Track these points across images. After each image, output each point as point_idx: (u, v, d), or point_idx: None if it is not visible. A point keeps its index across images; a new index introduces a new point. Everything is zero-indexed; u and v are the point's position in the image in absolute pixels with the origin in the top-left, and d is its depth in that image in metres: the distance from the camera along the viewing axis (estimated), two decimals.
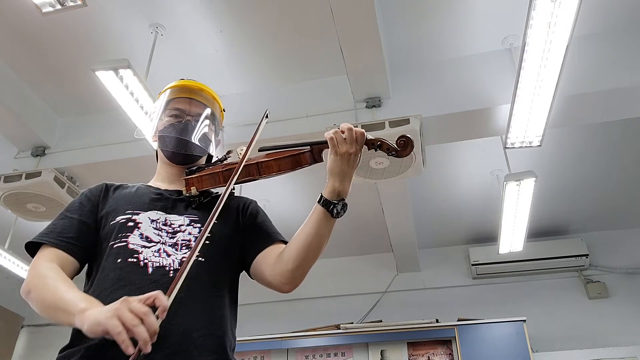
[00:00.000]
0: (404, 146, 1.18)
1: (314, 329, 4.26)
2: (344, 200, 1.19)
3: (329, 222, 1.19)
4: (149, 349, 0.91)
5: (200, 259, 1.21)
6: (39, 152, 3.64)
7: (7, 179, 3.40)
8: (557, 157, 3.88)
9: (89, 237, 1.27)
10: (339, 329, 4.12)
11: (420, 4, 2.98)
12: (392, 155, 1.19)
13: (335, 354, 4.08)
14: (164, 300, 0.97)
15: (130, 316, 0.92)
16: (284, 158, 1.25)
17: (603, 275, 4.52)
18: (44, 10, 2.49)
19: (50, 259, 1.20)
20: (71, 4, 2.45)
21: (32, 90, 3.57)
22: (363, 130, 1.19)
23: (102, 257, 1.23)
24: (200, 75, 1.45)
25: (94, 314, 0.99)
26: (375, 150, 1.20)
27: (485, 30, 3.13)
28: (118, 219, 1.26)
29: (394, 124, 2.94)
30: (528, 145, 3.04)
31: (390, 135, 2.91)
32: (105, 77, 2.75)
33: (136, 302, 0.94)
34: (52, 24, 3.07)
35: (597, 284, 4.48)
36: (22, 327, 5.59)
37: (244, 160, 1.27)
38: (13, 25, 3.10)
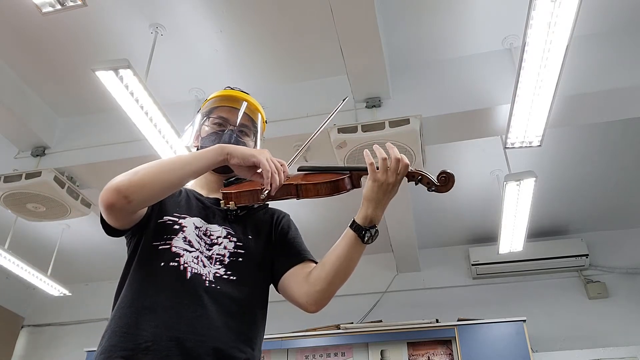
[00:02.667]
0: (445, 182, 1.19)
1: (314, 329, 4.25)
2: (375, 227, 1.21)
3: (359, 247, 1.22)
4: (273, 192, 1.18)
5: (232, 277, 1.22)
6: (39, 152, 3.64)
7: (7, 179, 3.40)
8: (557, 157, 3.88)
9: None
10: (339, 329, 4.12)
11: (420, 4, 2.98)
12: (432, 190, 1.20)
13: (335, 354, 4.08)
14: (287, 169, 1.23)
15: (274, 165, 1.18)
16: (323, 183, 1.25)
17: (603, 275, 4.53)
18: (44, 10, 2.49)
19: None
20: (71, 4, 2.45)
21: (32, 90, 3.57)
22: (407, 162, 1.19)
23: (145, 256, 1.23)
24: (200, 75, 1.45)
25: (242, 147, 1.23)
26: (416, 183, 1.21)
27: (485, 30, 3.13)
28: (165, 218, 1.28)
29: (394, 124, 2.95)
30: (528, 145, 3.04)
31: (390, 136, 2.93)
32: (105, 77, 2.75)
33: (275, 159, 1.21)
34: (52, 24, 3.07)
35: (597, 284, 4.49)
36: (22, 327, 5.59)
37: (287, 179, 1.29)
38: (13, 25, 3.10)
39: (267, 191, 1.16)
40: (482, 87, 3.12)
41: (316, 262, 1.31)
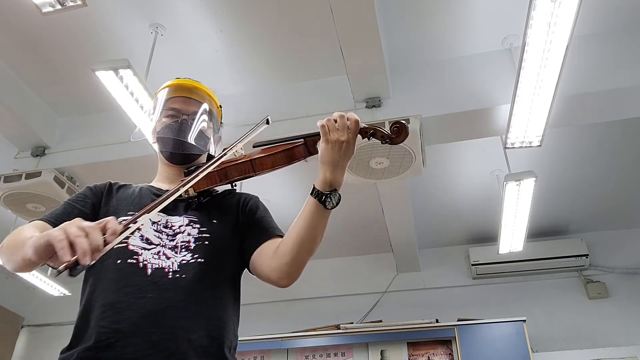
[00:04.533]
0: (398, 132, 1.15)
1: (314, 329, 4.26)
2: (337, 191, 1.15)
3: (322, 214, 1.15)
4: (86, 261, 0.89)
5: (199, 260, 1.21)
6: (39, 152, 3.64)
7: (7, 179, 3.41)
8: (557, 157, 3.88)
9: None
10: (339, 329, 4.12)
11: (420, 4, 2.98)
12: (386, 142, 1.16)
13: (335, 354, 4.08)
14: (115, 223, 0.95)
15: (75, 230, 0.90)
16: (278, 153, 1.23)
17: (603, 275, 4.52)
18: (44, 10, 2.49)
19: (36, 226, 1.20)
20: (71, 4, 2.45)
21: (32, 90, 3.56)
22: (356, 118, 1.14)
23: (102, 257, 1.22)
24: (200, 76, 1.45)
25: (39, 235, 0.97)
26: (369, 138, 1.17)
27: (485, 30, 3.13)
28: (119, 220, 1.26)
29: None
30: (528, 145, 3.04)
31: None
32: (105, 77, 2.75)
33: (85, 222, 0.93)
34: (52, 24, 3.07)
35: (597, 284, 4.49)
36: (22, 327, 5.59)
37: (239, 158, 1.26)
38: (13, 25, 3.10)
39: (66, 264, 0.88)
40: (482, 87, 3.12)
41: None
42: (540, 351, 4.04)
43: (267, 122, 1.27)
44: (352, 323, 4.32)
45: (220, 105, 1.53)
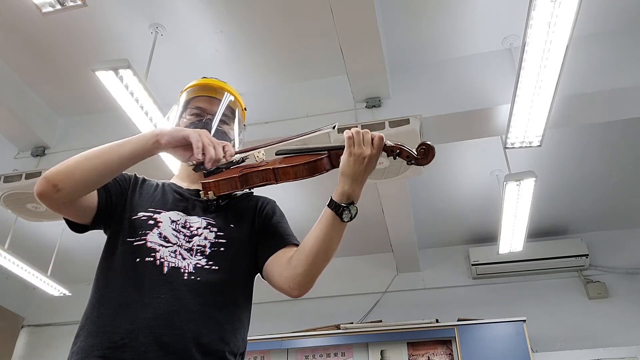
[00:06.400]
0: (425, 154, 1.14)
1: (314, 329, 4.26)
2: (354, 204, 1.15)
3: (338, 226, 1.16)
4: (209, 166, 1.17)
5: (214, 267, 1.20)
6: (39, 152, 3.64)
7: (7, 179, 3.40)
8: (557, 157, 3.88)
9: (117, 191, 1.29)
10: (339, 329, 4.13)
11: (420, 4, 2.98)
12: (411, 163, 1.16)
13: (335, 354, 4.08)
14: (232, 149, 1.22)
15: (207, 139, 1.16)
16: (301, 165, 1.21)
17: (603, 275, 4.53)
18: (44, 10, 2.49)
19: None
20: (71, 4, 2.45)
21: (32, 90, 3.57)
22: (382, 135, 1.15)
23: (120, 253, 1.22)
24: (200, 76, 1.45)
25: (176, 127, 1.23)
26: (395, 158, 1.17)
27: (485, 30, 3.13)
28: (140, 214, 1.26)
29: (394, 124, 2.95)
30: (528, 145, 3.04)
31: (390, 136, 2.93)
32: (105, 77, 2.75)
33: (212, 137, 1.20)
34: (52, 24, 3.07)
35: (597, 284, 4.49)
36: (22, 327, 5.60)
37: (261, 165, 1.27)
38: (13, 25, 3.10)
39: (196, 162, 1.17)
40: (482, 87, 3.12)
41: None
42: (540, 351, 4.04)
43: (334, 128, 1.27)
44: (352, 323, 4.32)
45: (245, 108, 1.53)
